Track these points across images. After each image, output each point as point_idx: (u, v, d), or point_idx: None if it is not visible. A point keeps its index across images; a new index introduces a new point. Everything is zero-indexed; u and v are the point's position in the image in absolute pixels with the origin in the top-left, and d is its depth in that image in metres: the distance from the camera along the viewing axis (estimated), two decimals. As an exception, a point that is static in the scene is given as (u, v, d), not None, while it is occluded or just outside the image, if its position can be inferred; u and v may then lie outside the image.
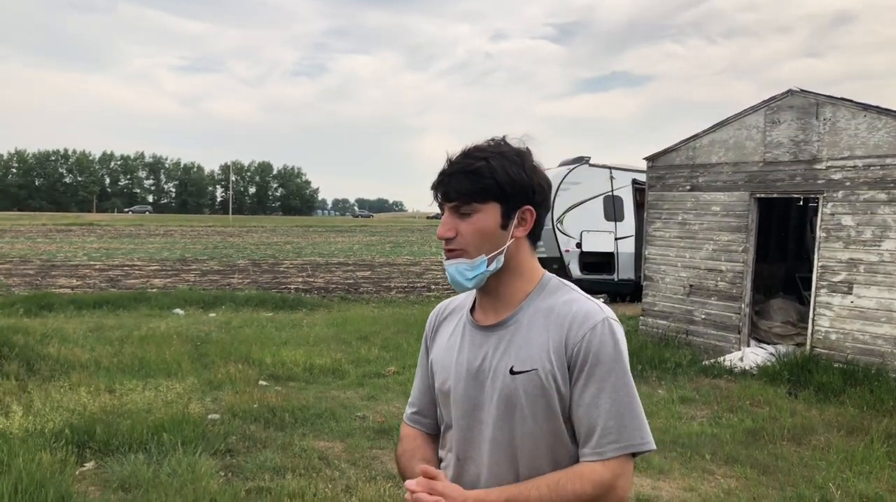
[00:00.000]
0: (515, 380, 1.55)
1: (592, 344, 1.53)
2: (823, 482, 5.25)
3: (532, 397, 1.54)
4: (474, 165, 1.55)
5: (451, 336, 1.71)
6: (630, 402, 1.54)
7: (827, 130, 8.62)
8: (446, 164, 1.59)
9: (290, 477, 5.00)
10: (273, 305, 14.78)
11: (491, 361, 1.59)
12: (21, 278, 19.84)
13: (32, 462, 4.43)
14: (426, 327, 1.83)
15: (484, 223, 1.56)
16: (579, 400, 1.53)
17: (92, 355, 8.61)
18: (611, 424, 1.51)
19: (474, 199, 1.55)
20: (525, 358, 1.55)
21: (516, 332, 1.59)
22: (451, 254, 1.59)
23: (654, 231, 10.89)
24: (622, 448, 1.51)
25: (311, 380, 8.21)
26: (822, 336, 8.63)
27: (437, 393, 1.72)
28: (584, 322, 1.55)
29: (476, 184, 1.54)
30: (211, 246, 36.96)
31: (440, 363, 1.71)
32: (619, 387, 1.53)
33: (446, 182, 1.57)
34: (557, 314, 1.57)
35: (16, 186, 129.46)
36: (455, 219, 1.58)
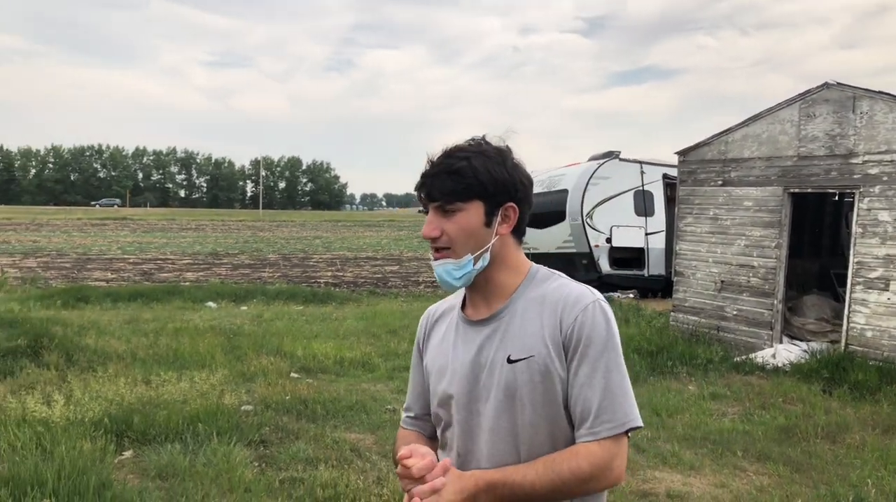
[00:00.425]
0: (514, 369, 1.57)
1: (585, 325, 1.56)
2: (858, 480, 5.19)
3: (531, 384, 1.56)
4: (456, 165, 1.57)
5: (445, 336, 1.73)
6: (622, 381, 1.56)
7: (864, 124, 8.47)
8: (428, 165, 1.62)
9: (322, 468, 5.07)
10: (303, 299, 14.94)
11: (487, 353, 1.61)
12: (58, 271, 20.28)
13: (74, 449, 4.56)
14: (418, 332, 1.84)
15: (468, 221, 1.59)
16: (574, 381, 1.56)
17: (128, 346, 8.79)
18: (605, 404, 1.53)
19: (458, 198, 1.58)
20: (521, 346, 1.58)
21: (510, 322, 1.61)
22: (438, 253, 1.62)
23: (685, 226, 10.80)
24: (616, 427, 1.53)
25: (342, 373, 8.30)
26: (858, 333, 8.50)
27: (435, 395, 1.71)
28: (576, 304, 1.58)
29: (459, 183, 1.57)
30: (242, 240, 37.40)
31: (437, 364, 1.71)
32: (611, 368, 1.55)
33: (429, 182, 1.60)
34: (550, 300, 1.60)
35: (52, 181, 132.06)
36: (439, 219, 1.60)
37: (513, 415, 1.58)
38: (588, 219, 15.91)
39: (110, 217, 61.77)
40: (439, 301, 1.86)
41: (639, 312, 12.79)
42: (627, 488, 4.98)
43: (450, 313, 1.77)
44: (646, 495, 4.93)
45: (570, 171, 16.94)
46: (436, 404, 1.71)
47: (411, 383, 1.85)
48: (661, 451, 5.77)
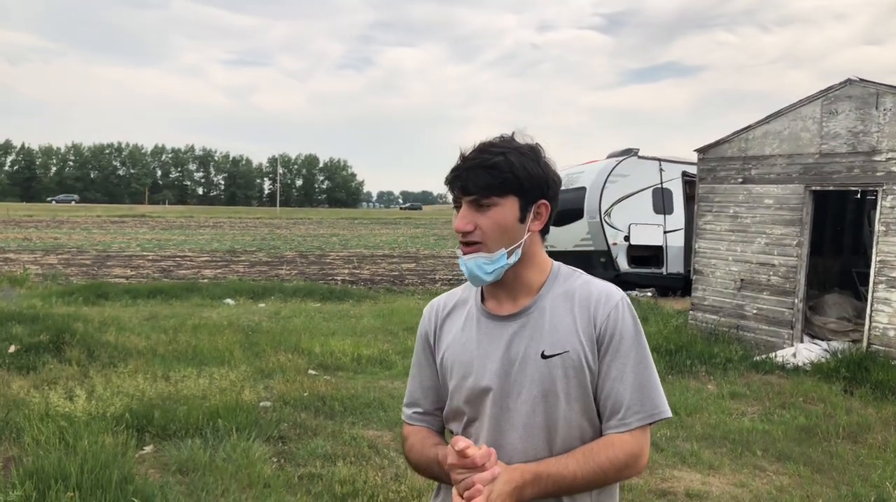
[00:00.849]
0: (549, 364, 1.59)
1: (617, 321, 1.61)
2: (880, 481, 5.13)
3: (566, 378, 1.59)
4: (493, 160, 1.58)
5: (464, 330, 1.70)
6: (650, 375, 1.62)
7: (887, 121, 8.36)
8: (460, 160, 1.62)
9: (340, 464, 5.09)
10: (320, 296, 15.00)
11: (517, 348, 1.62)
12: (78, 268, 20.51)
13: (96, 444, 4.60)
14: (425, 326, 1.80)
15: (503, 217, 1.59)
16: (606, 375, 1.60)
17: (148, 343, 8.87)
18: (635, 397, 1.59)
19: (494, 193, 1.58)
20: (555, 341, 1.60)
21: (540, 318, 1.63)
22: (469, 247, 1.61)
23: (704, 224, 10.72)
24: (645, 418, 1.59)
25: (359, 370, 8.32)
26: (880, 332, 8.40)
27: (461, 390, 1.68)
28: (608, 301, 1.62)
29: (495, 178, 1.57)
30: (259, 237, 37.63)
31: (458, 359, 1.69)
32: (640, 361, 1.61)
33: (464, 176, 1.59)
34: (580, 296, 1.64)
35: (73, 178, 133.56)
36: (473, 213, 1.60)
37: (548, 410, 1.60)
38: (606, 216, 15.84)
39: (129, 215, 62.35)
40: (441, 295, 1.85)
41: (657, 311, 12.71)
42: (646, 487, 4.96)
43: (462, 307, 1.75)
44: (664, 494, 4.91)
45: (589, 169, 16.87)
46: (461, 399, 1.68)
47: (417, 378, 1.81)
48: (680, 450, 5.74)
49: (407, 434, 1.80)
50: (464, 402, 1.68)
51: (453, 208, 1.66)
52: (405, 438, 1.80)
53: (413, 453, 1.76)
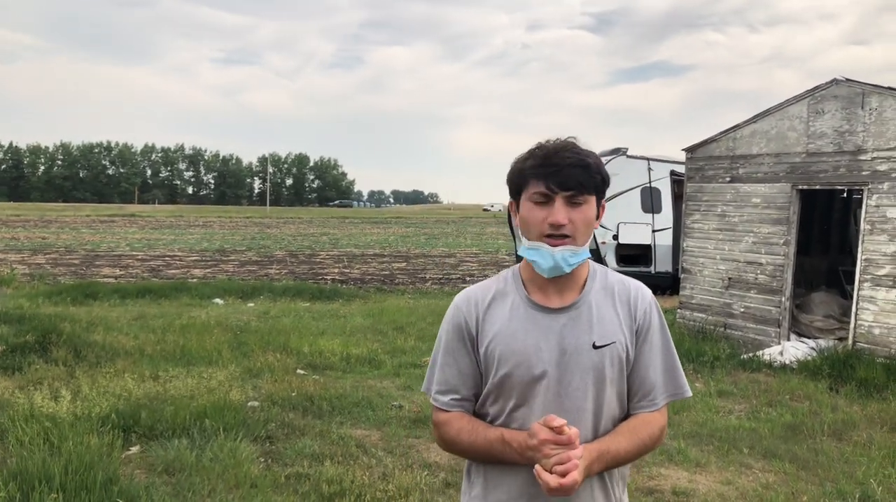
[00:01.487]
0: (599, 354, 1.76)
1: (650, 314, 1.84)
2: (864, 478, 5.17)
3: (613, 366, 1.77)
4: (587, 160, 1.74)
5: (511, 321, 1.79)
6: (675, 359, 1.87)
7: (873, 120, 8.42)
8: (553, 156, 1.73)
9: (328, 463, 5.09)
10: (310, 295, 14.97)
11: (569, 339, 1.76)
12: (67, 268, 20.40)
13: (81, 445, 4.58)
14: (464, 315, 1.85)
15: (590, 213, 1.76)
16: (639, 361, 1.82)
17: (136, 343, 8.83)
18: (663, 379, 1.84)
19: (587, 191, 1.73)
20: (603, 333, 1.77)
21: (588, 312, 1.79)
22: (559, 240, 1.72)
23: (692, 223, 10.77)
24: (670, 396, 1.85)
25: (348, 370, 8.31)
26: (866, 330, 8.46)
27: (506, 377, 1.76)
28: (643, 297, 1.85)
29: (590, 177, 1.73)
30: (249, 237, 37.52)
31: (509, 348, 1.77)
32: (666, 349, 1.86)
33: (565, 172, 1.71)
34: (619, 292, 1.84)
35: (61, 178, 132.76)
36: (567, 209, 1.72)
37: (597, 396, 1.77)
38: (595, 216, 15.86)
39: (118, 214, 62.02)
40: (471, 287, 1.92)
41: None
42: (633, 485, 4.97)
43: (502, 298, 1.83)
44: (651, 492, 4.93)
45: (578, 168, 16.86)
46: (512, 385, 1.77)
47: (453, 366, 1.85)
48: (668, 448, 5.76)
49: (446, 419, 1.84)
50: (515, 389, 1.77)
51: (531, 201, 1.74)
52: (444, 423, 1.85)
53: (464, 435, 1.80)
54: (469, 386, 1.84)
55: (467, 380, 1.84)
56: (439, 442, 1.90)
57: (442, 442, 1.88)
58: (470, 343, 1.84)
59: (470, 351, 1.84)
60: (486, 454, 1.78)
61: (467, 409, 1.86)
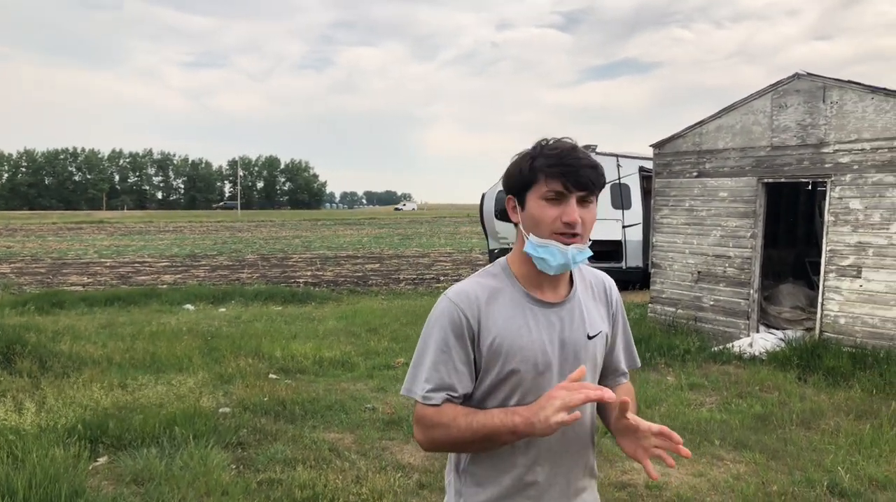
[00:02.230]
0: (593, 344, 1.90)
1: (618, 301, 2.05)
2: (832, 465, 5.25)
3: (601, 353, 1.95)
4: (595, 162, 1.80)
5: (514, 317, 1.83)
6: (631, 335, 2.12)
7: (834, 114, 8.56)
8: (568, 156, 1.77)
9: (300, 468, 5.04)
10: (282, 299, 14.85)
11: (569, 333, 1.86)
12: (32, 276, 20.01)
13: (46, 457, 4.49)
14: (463, 312, 1.81)
15: (595, 213, 1.84)
16: (612, 343, 2.03)
17: (104, 351, 8.68)
18: (625, 354, 2.10)
19: (597, 192, 1.81)
20: (592, 323, 1.91)
21: (579, 305, 1.91)
22: (571, 238, 1.78)
23: (661, 218, 10.87)
24: (630, 367, 2.12)
25: (321, 373, 8.25)
26: (832, 320, 8.61)
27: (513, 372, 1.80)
28: (612, 285, 2.05)
29: (599, 178, 1.80)
30: (220, 241, 37.12)
31: (514, 344, 1.81)
32: (626, 328, 2.10)
33: (582, 172, 1.76)
34: (593, 284, 2.00)
35: (26, 185, 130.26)
36: (578, 208, 1.78)
37: (593, 381, 1.92)
38: (566, 213, 15.95)
39: (86, 221, 61.03)
40: (462, 284, 1.89)
41: (618, 305, 12.84)
42: (606, 480, 5.00)
43: (500, 295, 1.85)
44: (624, 486, 4.96)
45: (548, 166, 16.95)
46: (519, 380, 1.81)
47: (448, 365, 1.81)
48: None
49: (438, 410, 1.80)
50: (523, 383, 1.82)
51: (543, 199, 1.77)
52: (435, 413, 1.79)
53: (461, 418, 1.76)
54: (464, 384, 1.82)
55: (463, 378, 1.82)
56: (425, 439, 1.83)
57: (429, 436, 1.81)
58: (470, 340, 1.81)
59: (469, 348, 1.81)
60: (485, 434, 1.73)
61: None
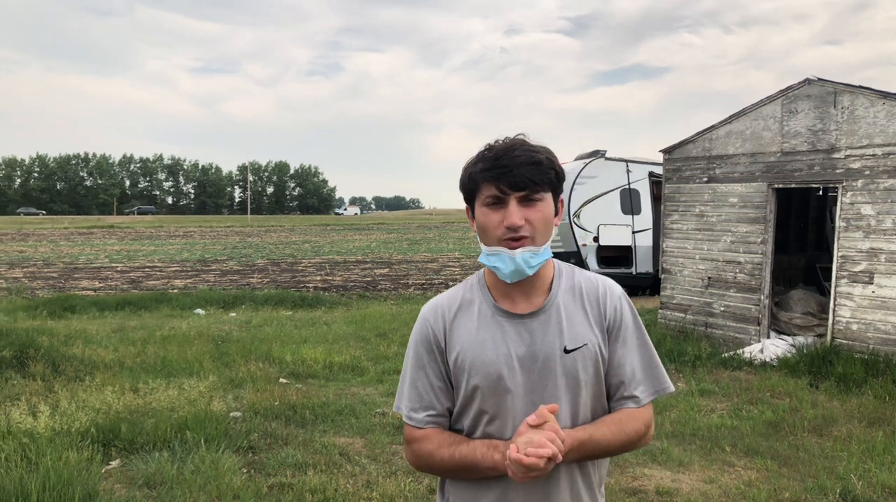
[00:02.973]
0: (572, 358, 1.70)
1: (621, 311, 1.78)
2: (845, 473, 5.22)
3: (586, 369, 1.71)
4: (537, 157, 1.66)
5: (479, 331, 1.73)
6: (652, 355, 1.81)
7: (845, 119, 8.53)
8: (497, 156, 1.66)
9: (311, 473, 5.06)
10: (292, 304, 14.90)
11: (540, 346, 1.70)
12: (45, 281, 20.14)
13: (59, 460, 4.52)
14: (431, 326, 1.78)
15: (547, 211, 1.69)
16: (616, 360, 1.76)
17: (115, 355, 8.73)
18: (642, 376, 1.78)
19: (542, 189, 1.67)
20: (573, 336, 1.71)
21: (557, 314, 1.73)
22: (517, 242, 1.65)
23: (671, 223, 10.85)
24: (653, 393, 1.79)
25: (331, 378, 8.27)
26: (843, 326, 8.56)
27: (477, 389, 1.70)
28: (612, 294, 1.79)
29: (542, 173, 1.66)
30: (230, 246, 37.26)
31: (477, 359, 1.70)
32: (643, 345, 1.80)
33: (516, 172, 1.63)
34: (587, 291, 1.78)
35: (38, 190, 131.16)
36: (522, 209, 1.65)
37: (573, 400, 1.71)
38: (575, 218, 15.95)
39: (97, 226, 61.39)
40: (438, 296, 1.84)
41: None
42: (617, 486, 4.99)
43: (469, 307, 1.77)
44: (635, 492, 4.95)
45: (557, 171, 16.94)
46: (485, 397, 1.70)
47: (424, 381, 1.77)
48: (650, 448, 5.78)
49: (423, 435, 1.76)
50: (487, 400, 1.70)
51: (485, 206, 1.68)
52: (420, 439, 1.75)
53: (444, 448, 1.71)
54: (443, 400, 1.77)
55: (440, 394, 1.77)
56: (413, 460, 1.81)
57: (416, 459, 1.79)
58: (439, 354, 1.76)
59: (440, 363, 1.76)
60: (466, 466, 1.69)
61: (443, 426, 1.78)
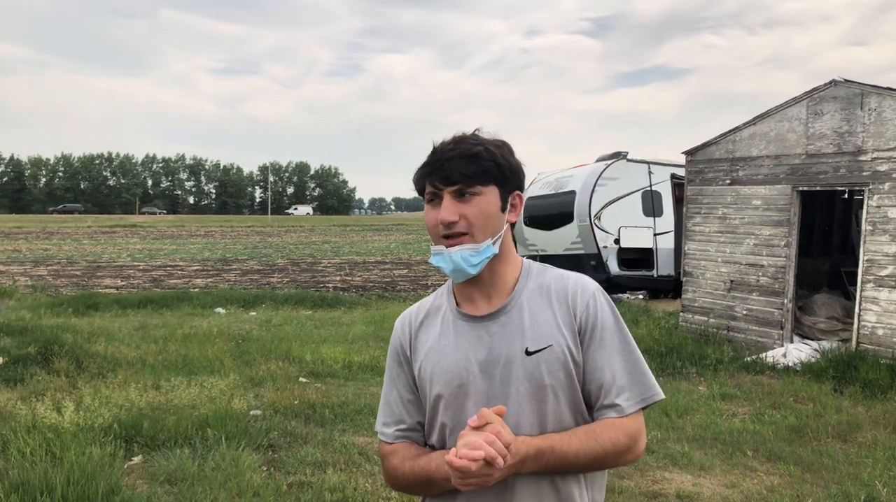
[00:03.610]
0: (534, 360, 1.56)
1: (597, 310, 1.60)
2: (870, 479, 5.15)
3: (553, 373, 1.56)
4: (473, 149, 1.55)
5: (441, 337, 1.65)
6: (637, 359, 1.61)
7: (872, 121, 8.41)
8: (434, 152, 1.59)
9: (330, 471, 5.07)
10: (312, 304, 14.96)
11: (500, 350, 1.58)
12: (68, 279, 20.40)
13: (83, 455, 4.57)
14: (398, 337, 1.73)
15: (487, 205, 1.56)
16: (593, 364, 1.58)
17: (138, 353, 8.82)
18: (625, 382, 1.58)
19: (478, 182, 1.55)
20: (537, 336, 1.57)
21: (519, 315, 1.60)
22: (452, 240, 1.56)
23: (693, 226, 10.76)
24: (639, 402, 1.58)
25: (350, 377, 8.29)
26: (869, 331, 8.44)
27: (441, 398, 1.61)
28: (584, 291, 1.62)
29: (478, 166, 1.55)
30: (251, 246, 37.52)
31: (437, 367, 1.62)
32: (624, 347, 1.60)
33: (447, 166, 1.55)
34: (555, 289, 1.62)
35: (62, 189, 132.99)
36: (457, 204, 1.55)
37: (539, 407, 1.57)
38: (596, 220, 15.87)
39: (120, 225, 62.12)
40: (412, 306, 1.78)
41: (648, 313, 12.73)
42: (637, 489, 4.95)
43: (436, 314, 1.69)
44: (655, 496, 4.91)
45: (578, 173, 16.91)
46: (444, 407, 1.61)
47: (394, 394, 1.71)
48: (671, 452, 5.74)
49: (392, 450, 1.69)
50: (448, 409, 1.61)
51: (427, 203, 1.61)
52: (389, 454, 1.69)
53: (407, 462, 1.63)
54: (412, 413, 1.69)
55: (409, 407, 1.69)
56: (386, 479, 1.72)
57: (387, 475, 1.71)
58: (407, 365, 1.70)
59: (408, 374, 1.70)
60: (424, 478, 1.59)
61: (416, 441, 1.69)
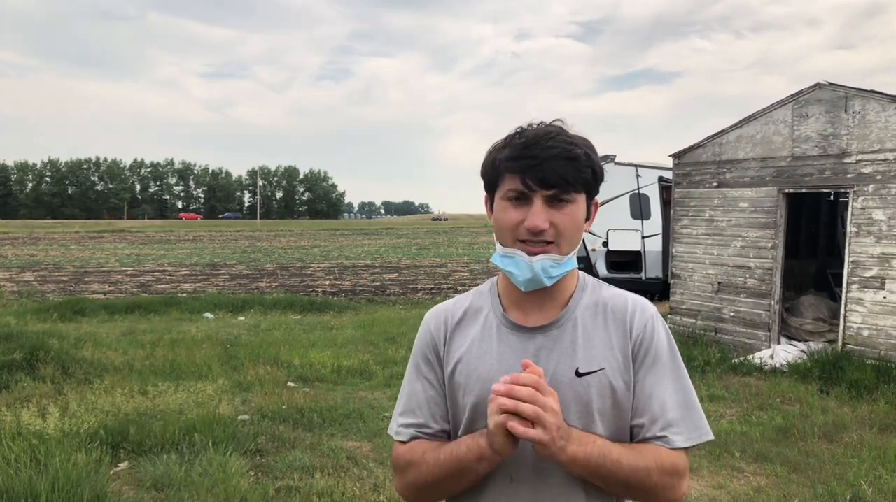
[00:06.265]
0: (584, 382, 1.44)
1: (654, 334, 1.49)
2: (855, 479, 5.18)
3: (601, 398, 1.45)
4: (574, 151, 1.41)
5: (482, 341, 1.52)
6: (689, 393, 1.50)
7: (856, 123, 8.49)
8: (527, 144, 1.42)
9: (318, 476, 5.06)
10: (301, 308, 14.92)
11: (547, 365, 1.44)
12: (55, 284, 20.25)
13: (68, 462, 4.54)
14: (431, 333, 1.58)
15: (579, 215, 1.45)
16: (642, 391, 1.47)
17: (125, 358, 8.77)
18: (675, 415, 1.46)
19: (574, 189, 1.42)
20: (590, 357, 1.46)
21: (573, 332, 1.48)
22: (538, 247, 1.42)
23: (681, 228, 10.81)
24: (691, 438, 1.47)
25: (339, 382, 8.28)
26: (854, 332, 8.50)
27: (473, 408, 1.48)
28: (644, 313, 1.51)
29: (578, 172, 1.41)
30: (239, 250, 37.38)
31: (475, 373, 1.49)
32: (677, 378, 1.50)
33: (546, 167, 1.39)
34: (612, 309, 1.51)
35: (49, 194, 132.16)
36: (549, 210, 1.41)
37: (588, 430, 1.44)
38: (584, 223, 15.90)
39: (108, 230, 61.76)
40: (444, 302, 1.65)
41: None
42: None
43: (476, 315, 1.56)
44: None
45: (566, 176, 16.95)
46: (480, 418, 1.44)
47: (421, 393, 1.56)
48: (659, 454, 5.75)
49: (406, 449, 1.53)
50: (475, 423, 1.47)
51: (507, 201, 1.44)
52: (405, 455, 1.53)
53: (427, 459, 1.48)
54: (439, 417, 1.54)
55: (430, 408, 1.55)
56: (402, 483, 1.54)
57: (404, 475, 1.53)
58: (437, 363, 1.56)
59: (438, 374, 1.56)
60: (453, 465, 1.44)
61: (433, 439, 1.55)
